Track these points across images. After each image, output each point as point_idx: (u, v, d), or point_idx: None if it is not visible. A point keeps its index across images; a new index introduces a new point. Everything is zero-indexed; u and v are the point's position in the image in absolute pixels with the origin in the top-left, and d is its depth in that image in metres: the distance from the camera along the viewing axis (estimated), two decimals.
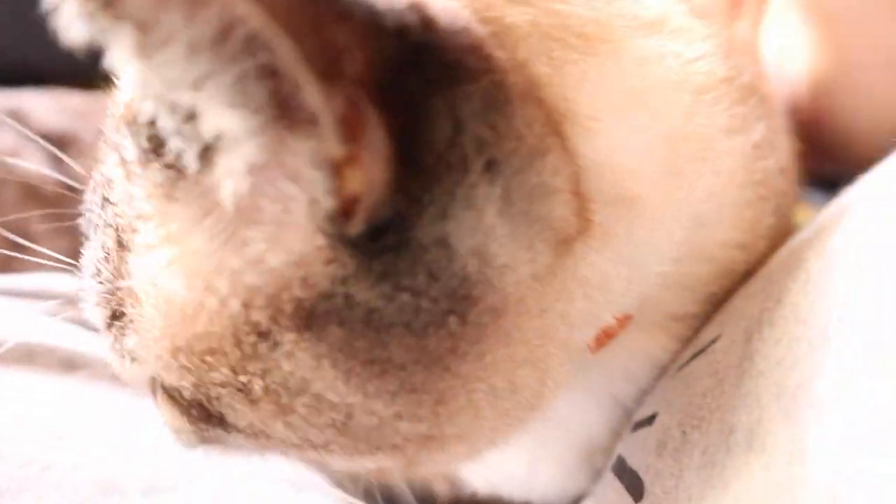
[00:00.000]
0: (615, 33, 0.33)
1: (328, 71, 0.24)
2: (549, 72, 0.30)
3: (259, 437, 0.33)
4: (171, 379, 0.32)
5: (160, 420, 0.39)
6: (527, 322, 0.32)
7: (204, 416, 0.33)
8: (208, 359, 0.31)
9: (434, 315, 0.29)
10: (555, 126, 0.30)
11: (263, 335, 0.30)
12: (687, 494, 0.35)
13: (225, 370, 0.31)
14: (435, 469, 0.38)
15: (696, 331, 0.45)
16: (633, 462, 0.41)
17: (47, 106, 0.93)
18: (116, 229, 0.33)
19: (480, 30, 0.28)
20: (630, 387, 0.46)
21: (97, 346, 0.56)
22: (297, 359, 0.30)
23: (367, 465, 0.36)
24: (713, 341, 0.43)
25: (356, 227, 0.28)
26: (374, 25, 0.25)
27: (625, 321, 0.41)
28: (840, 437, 0.29)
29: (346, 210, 0.27)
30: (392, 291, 0.29)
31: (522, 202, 0.29)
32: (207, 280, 0.30)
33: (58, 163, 0.79)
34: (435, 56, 0.27)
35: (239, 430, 0.33)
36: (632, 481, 0.39)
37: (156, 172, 0.30)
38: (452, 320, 0.29)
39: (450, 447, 0.34)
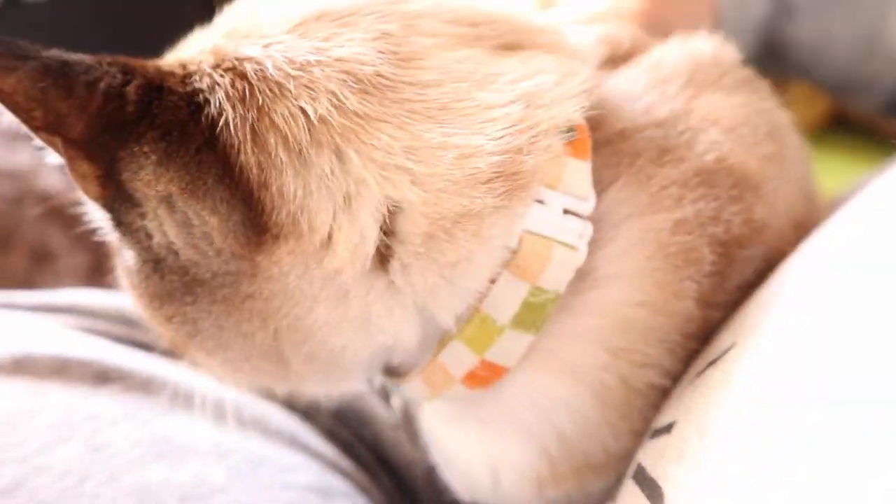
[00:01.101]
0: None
1: (51, 131, 0.41)
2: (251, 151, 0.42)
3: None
4: None
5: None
6: (242, 300, 0.43)
7: None
8: None
9: (148, 270, 0.44)
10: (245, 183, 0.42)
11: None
12: None
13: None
14: (251, 383, 0.51)
15: (610, 385, 0.47)
16: (653, 471, 0.42)
17: None
18: None
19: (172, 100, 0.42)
20: (550, 431, 0.48)
21: (129, 358, 0.58)
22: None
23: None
24: (727, 350, 0.44)
25: (100, 213, 0.45)
26: (88, 104, 0.40)
27: (495, 368, 0.45)
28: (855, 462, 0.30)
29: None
30: (132, 252, 0.45)
31: (197, 225, 0.42)
32: None
33: None
34: (127, 120, 0.41)
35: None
36: (652, 490, 0.41)
37: None
38: (155, 276, 0.44)
39: (217, 367, 0.48)
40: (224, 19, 0.47)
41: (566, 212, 0.44)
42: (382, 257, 0.42)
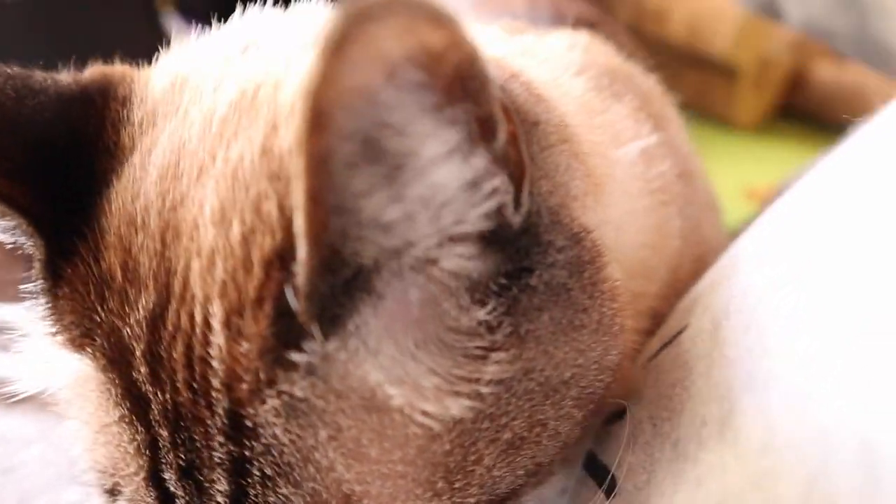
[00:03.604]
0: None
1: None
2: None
3: (534, 476, 0.35)
4: None
5: None
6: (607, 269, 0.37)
7: None
8: (470, 458, 0.32)
9: (572, 262, 0.34)
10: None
11: (498, 386, 0.32)
12: (659, 490, 0.34)
13: (488, 451, 0.33)
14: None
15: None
16: (604, 457, 0.39)
17: None
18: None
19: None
20: None
21: (42, 378, 0.54)
22: (530, 369, 0.33)
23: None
24: (680, 332, 0.42)
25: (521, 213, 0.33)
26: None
27: None
28: (815, 427, 0.28)
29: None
30: (551, 259, 0.33)
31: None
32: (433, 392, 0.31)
33: None
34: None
35: (524, 486, 0.35)
36: (603, 477, 0.38)
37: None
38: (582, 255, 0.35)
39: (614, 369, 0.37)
40: None
41: None
42: None
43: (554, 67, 0.44)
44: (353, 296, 0.29)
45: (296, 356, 0.29)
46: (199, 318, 0.31)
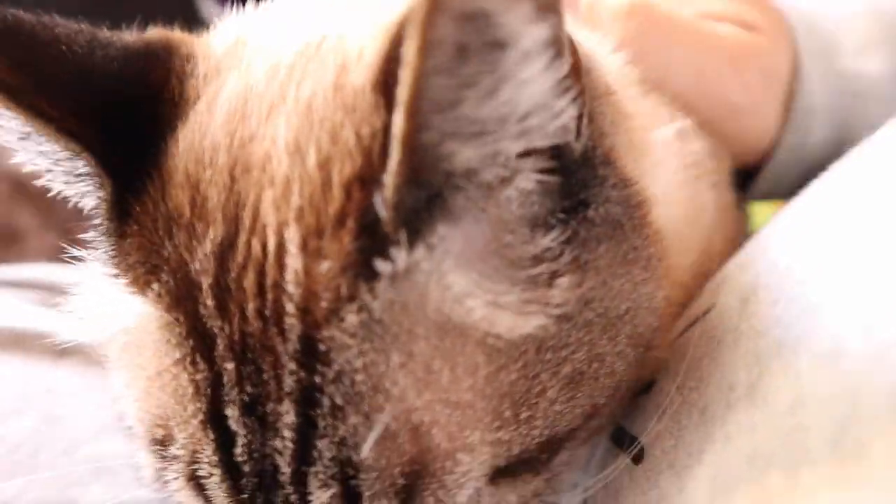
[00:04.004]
0: None
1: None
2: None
3: (590, 420, 0.36)
4: (514, 446, 0.34)
5: None
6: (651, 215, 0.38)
7: (552, 448, 0.35)
8: (534, 391, 0.33)
9: (624, 201, 0.36)
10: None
11: (564, 308, 0.33)
12: (686, 452, 0.35)
13: (550, 384, 0.34)
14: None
15: None
16: (632, 428, 0.41)
17: None
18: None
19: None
20: None
21: (90, 333, 0.56)
22: (590, 299, 0.35)
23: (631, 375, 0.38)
24: (707, 311, 0.43)
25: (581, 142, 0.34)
26: None
27: None
28: (845, 379, 0.29)
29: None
30: (606, 194, 0.35)
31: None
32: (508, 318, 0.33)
33: None
34: None
35: (580, 429, 0.36)
36: (631, 446, 0.39)
37: None
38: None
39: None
40: None
41: None
42: None
43: (591, 43, 0.45)
44: (432, 213, 0.30)
45: (381, 265, 0.30)
46: (272, 245, 0.31)
